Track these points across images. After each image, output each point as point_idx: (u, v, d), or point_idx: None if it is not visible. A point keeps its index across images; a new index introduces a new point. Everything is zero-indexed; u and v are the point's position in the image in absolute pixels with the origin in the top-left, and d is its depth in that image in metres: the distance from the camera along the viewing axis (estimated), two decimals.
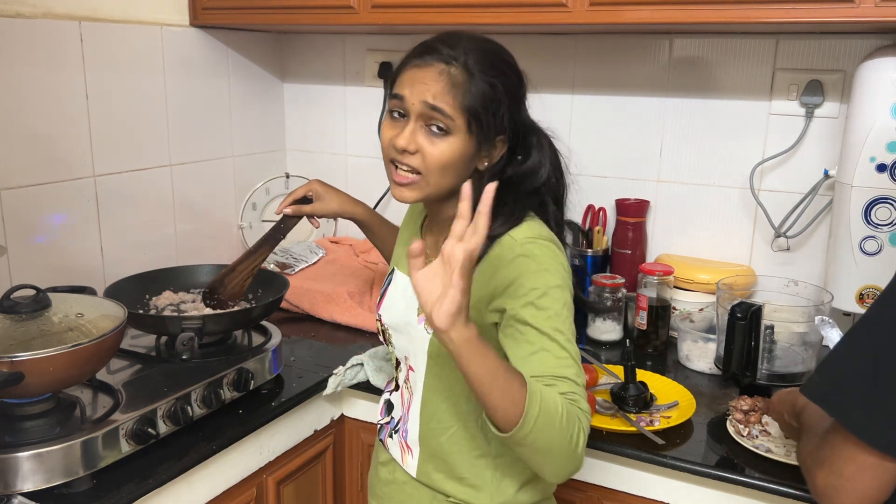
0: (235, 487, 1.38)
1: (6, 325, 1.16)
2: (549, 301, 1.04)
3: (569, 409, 0.96)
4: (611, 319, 1.79)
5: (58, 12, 1.61)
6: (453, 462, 1.14)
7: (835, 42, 1.66)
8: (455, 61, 1.06)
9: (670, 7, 1.44)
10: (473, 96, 1.05)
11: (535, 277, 1.04)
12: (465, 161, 1.09)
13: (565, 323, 1.05)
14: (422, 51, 1.08)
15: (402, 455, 1.22)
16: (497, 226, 1.08)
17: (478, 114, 1.06)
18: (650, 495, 1.34)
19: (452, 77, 1.05)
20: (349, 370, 1.54)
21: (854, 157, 1.50)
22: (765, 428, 1.33)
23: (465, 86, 1.05)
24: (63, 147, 1.65)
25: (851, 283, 1.54)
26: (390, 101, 1.11)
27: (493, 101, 1.07)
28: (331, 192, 1.50)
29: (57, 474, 1.10)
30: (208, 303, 1.53)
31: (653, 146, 1.88)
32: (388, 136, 1.10)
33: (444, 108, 1.05)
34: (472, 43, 1.08)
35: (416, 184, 1.09)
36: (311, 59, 2.25)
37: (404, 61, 1.10)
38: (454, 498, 1.15)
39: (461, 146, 1.07)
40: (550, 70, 1.95)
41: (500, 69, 1.09)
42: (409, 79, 1.07)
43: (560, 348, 1.02)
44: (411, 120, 1.07)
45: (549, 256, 1.07)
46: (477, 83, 1.06)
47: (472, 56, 1.07)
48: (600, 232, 1.91)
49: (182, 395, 1.29)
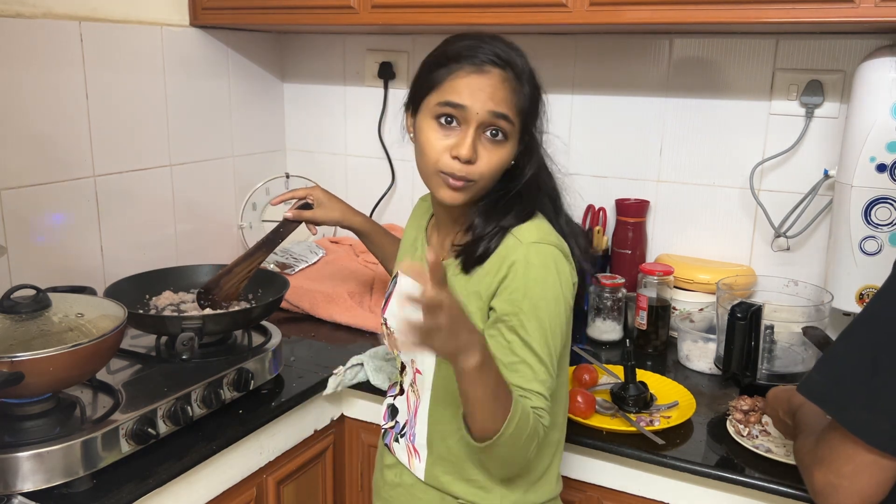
0: (235, 487, 1.38)
1: (6, 325, 1.16)
2: (540, 313, 1.04)
3: (535, 424, 1.01)
4: (611, 319, 1.79)
5: (58, 12, 1.61)
6: (462, 464, 1.14)
7: (835, 42, 1.66)
8: (509, 67, 1.06)
9: (670, 7, 1.44)
10: (526, 101, 1.08)
11: (531, 287, 1.04)
12: (509, 162, 1.10)
13: (554, 336, 1.05)
14: (473, 53, 1.05)
15: (409, 459, 1.21)
16: (509, 219, 1.10)
17: (530, 116, 1.09)
18: (650, 495, 1.34)
19: (511, 83, 1.06)
20: (349, 370, 1.54)
21: (854, 157, 1.50)
22: (765, 428, 1.33)
23: (521, 91, 1.07)
24: (63, 147, 1.65)
25: (851, 283, 1.54)
26: (441, 107, 1.06)
27: (538, 105, 1.10)
28: (333, 200, 1.50)
29: (57, 474, 1.10)
30: (202, 303, 1.53)
31: (653, 146, 1.88)
32: (442, 145, 1.06)
33: (509, 115, 1.05)
34: (510, 47, 1.09)
35: (468, 188, 1.08)
36: (311, 59, 2.25)
37: (449, 67, 1.06)
38: (463, 499, 1.15)
39: (512, 151, 1.09)
40: (550, 70, 1.95)
41: (533, 74, 1.11)
42: (466, 86, 1.04)
43: (539, 363, 1.04)
44: (470, 128, 1.05)
45: (550, 265, 1.06)
46: (526, 88, 1.08)
47: (519, 60, 1.08)
48: (600, 232, 1.91)
49: (182, 395, 1.29)
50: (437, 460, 1.17)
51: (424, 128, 1.09)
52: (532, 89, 1.09)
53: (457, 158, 1.05)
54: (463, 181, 1.07)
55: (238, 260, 1.53)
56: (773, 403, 1.21)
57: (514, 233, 1.09)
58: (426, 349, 0.89)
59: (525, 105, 1.07)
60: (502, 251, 1.08)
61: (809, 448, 0.95)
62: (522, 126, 1.09)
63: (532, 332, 1.03)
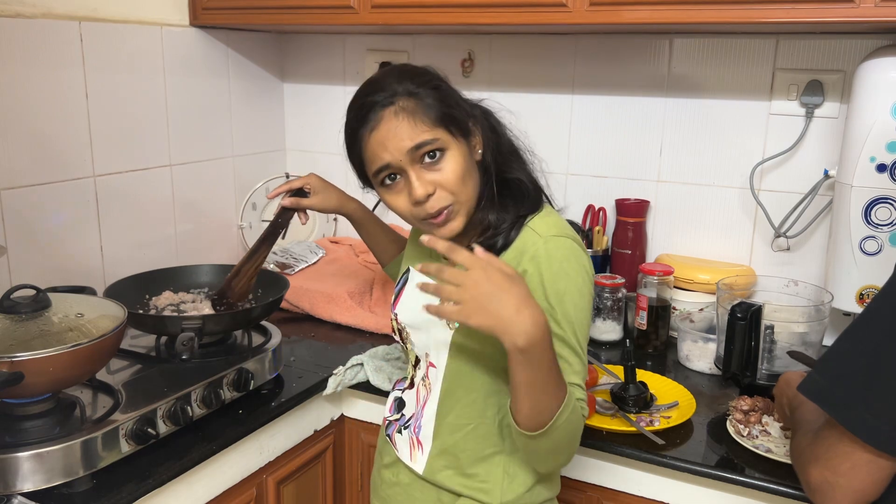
0: (235, 487, 1.38)
1: (6, 325, 1.16)
2: (567, 307, 1.05)
3: (580, 418, 1.03)
4: (611, 319, 1.79)
5: (58, 12, 1.61)
6: (465, 459, 1.15)
7: (835, 42, 1.66)
8: (395, 96, 1.06)
9: (670, 7, 1.44)
10: (432, 106, 1.07)
11: (556, 281, 1.05)
12: (469, 161, 1.10)
13: (582, 328, 1.07)
14: (363, 114, 1.08)
15: (410, 451, 1.21)
16: (520, 207, 1.11)
17: (448, 116, 1.07)
18: (650, 495, 1.34)
19: (405, 111, 1.06)
20: (349, 370, 1.54)
21: (854, 157, 1.50)
22: (765, 428, 1.33)
23: (420, 105, 1.06)
24: (63, 147, 1.65)
25: (851, 283, 1.54)
26: (377, 176, 1.10)
27: (446, 97, 1.09)
28: (329, 187, 1.50)
29: (57, 474, 1.10)
30: (219, 309, 1.52)
31: (653, 146, 1.88)
32: (404, 202, 1.09)
33: (425, 139, 1.05)
34: (390, 74, 1.10)
35: (453, 212, 1.08)
36: (311, 59, 2.25)
37: (356, 135, 1.10)
38: (463, 494, 1.15)
39: (459, 152, 1.08)
40: (550, 70, 1.95)
41: (423, 73, 1.11)
42: (378, 145, 1.07)
43: (574, 355, 1.05)
44: (409, 172, 1.07)
45: (571, 258, 1.07)
46: (425, 95, 1.07)
47: (400, 80, 1.08)
48: (600, 232, 1.91)
49: (182, 395, 1.29)
50: (440, 453, 1.17)
51: (384, 197, 1.13)
52: (428, 93, 1.08)
53: (419, 203, 1.07)
54: (442, 212, 1.08)
55: (244, 259, 1.53)
56: (783, 387, 1.21)
57: (531, 225, 1.10)
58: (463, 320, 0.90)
59: (435, 112, 1.07)
60: (519, 244, 1.09)
61: (806, 445, 0.95)
62: (450, 126, 1.08)
63: (564, 326, 1.04)
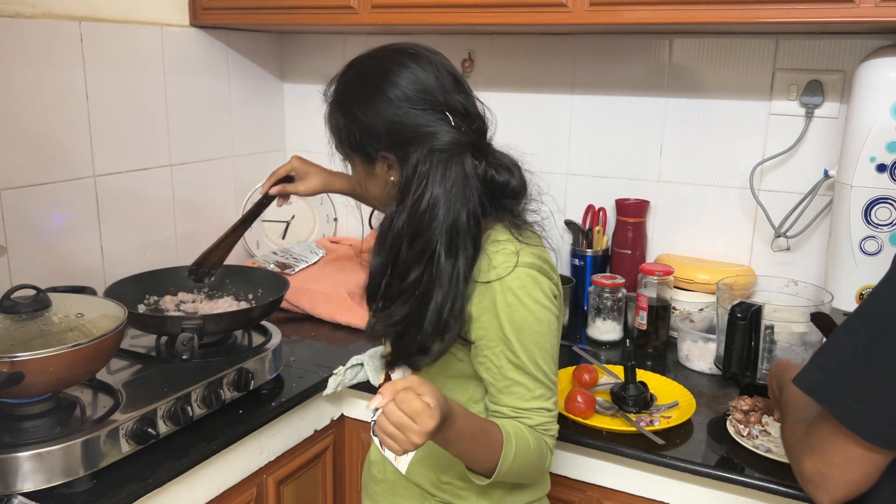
0: (235, 487, 1.38)
1: (6, 325, 1.16)
2: (525, 338, 1.03)
3: (538, 442, 1.04)
4: (611, 319, 1.79)
5: (58, 12, 1.61)
6: (446, 460, 1.14)
7: (835, 42, 1.66)
8: (329, 93, 1.13)
9: (670, 7, 1.44)
10: (333, 122, 1.13)
11: (511, 314, 1.02)
12: (375, 181, 1.12)
13: (543, 354, 1.05)
14: None
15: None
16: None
17: (342, 137, 1.12)
18: (650, 495, 1.34)
19: (328, 113, 1.14)
20: (349, 370, 1.54)
21: (854, 157, 1.50)
22: (765, 428, 1.33)
23: (330, 115, 1.13)
24: (63, 147, 1.65)
25: (851, 283, 1.54)
26: None
27: (349, 121, 1.11)
28: (312, 168, 1.54)
29: (57, 474, 1.10)
30: (193, 278, 1.58)
31: (653, 146, 1.88)
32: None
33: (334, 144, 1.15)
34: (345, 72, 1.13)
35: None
36: (311, 59, 2.25)
37: None
38: (442, 497, 1.16)
39: (362, 169, 1.13)
40: (550, 70, 1.95)
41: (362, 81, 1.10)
42: None
43: (532, 380, 1.05)
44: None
45: (527, 286, 1.03)
46: (334, 110, 1.13)
47: (338, 79, 1.13)
48: (600, 232, 1.91)
49: (182, 395, 1.29)
50: (422, 456, 1.17)
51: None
52: (336, 107, 1.13)
53: None
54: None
55: (223, 235, 1.57)
56: (774, 371, 1.21)
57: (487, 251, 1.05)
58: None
59: (332, 128, 1.15)
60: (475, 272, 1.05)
61: (800, 435, 0.96)
62: (345, 146, 1.13)
63: (522, 356, 1.04)
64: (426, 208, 1.01)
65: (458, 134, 1.03)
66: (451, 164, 1.02)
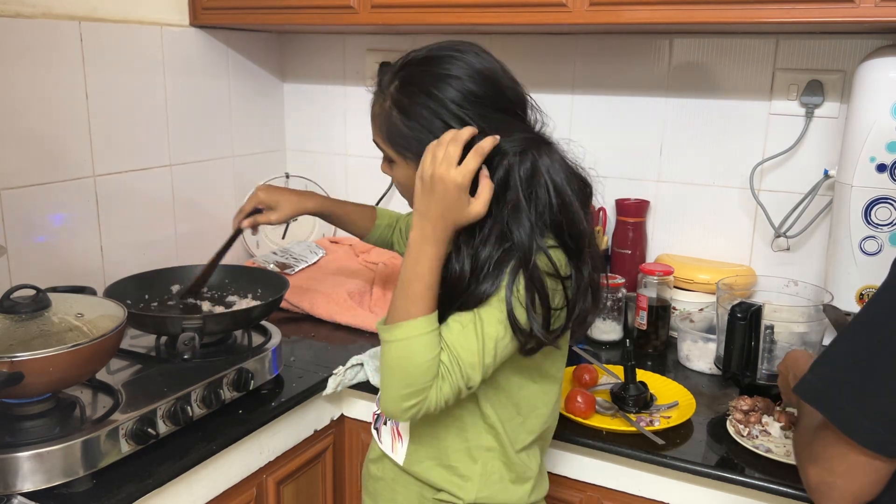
0: (235, 487, 1.38)
1: (6, 325, 1.16)
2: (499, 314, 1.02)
3: (429, 367, 0.99)
4: (611, 319, 1.79)
5: (57, 12, 1.61)
6: (444, 450, 1.15)
7: (835, 42, 1.66)
8: (385, 87, 1.09)
9: (670, 7, 1.44)
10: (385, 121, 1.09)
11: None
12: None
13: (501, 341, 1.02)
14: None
15: (392, 442, 1.22)
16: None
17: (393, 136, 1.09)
18: (650, 495, 1.34)
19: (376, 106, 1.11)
20: (349, 370, 1.54)
21: (854, 157, 1.50)
22: (765, 428, 1.33)
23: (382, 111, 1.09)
24: (63, 147, 1.65)
25: (851, 284, 1.54)
26: None
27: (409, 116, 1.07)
28: (280, 196, 1.52)
29: (57, 474, 1.10)
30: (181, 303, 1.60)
31: (653, 146, 1.88)
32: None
33: (377, 142, 1.11)
34: (406, 63, 1.09)
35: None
36: (311, 59, 2.25)
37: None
38: (441, 487, 1.15)
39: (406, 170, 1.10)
40: (550, 70, 1.95)
41: (426, 75, 1.06)
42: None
43: (476, 338, 1.00)
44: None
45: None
46: (392, 107, 1.08)
47: (398, 72, 1.08)
48: (600, 232, 1.91)
49: (182, 395, 1.29)
50: (419, 446, 1.17)
51: None
52: (395, 103, 1.08)
53: None
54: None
55: (204, 269, 1.61)
56: (789, 364, 1.20)
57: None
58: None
59: (386, 126, 1.09)
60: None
61: (805, 444, 0.95)
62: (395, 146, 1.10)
63: (487, 319, 1.01)
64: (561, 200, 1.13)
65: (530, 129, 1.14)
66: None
